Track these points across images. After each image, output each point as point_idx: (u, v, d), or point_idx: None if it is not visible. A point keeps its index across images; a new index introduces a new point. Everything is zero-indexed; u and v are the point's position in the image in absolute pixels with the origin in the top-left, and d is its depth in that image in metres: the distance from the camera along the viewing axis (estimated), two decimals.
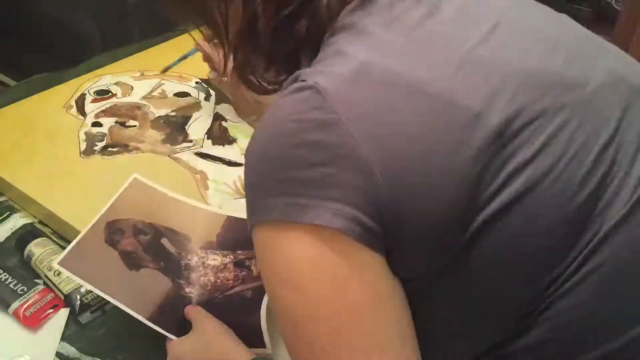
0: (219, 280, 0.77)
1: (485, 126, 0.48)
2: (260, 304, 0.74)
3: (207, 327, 0.72)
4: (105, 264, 0.77)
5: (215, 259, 0.79)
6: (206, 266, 0.78)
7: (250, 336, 0.72)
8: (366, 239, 0.48)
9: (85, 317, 0.79)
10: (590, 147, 0.50)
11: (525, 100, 0.50)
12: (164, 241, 0.80)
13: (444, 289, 0.52)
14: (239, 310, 0.75)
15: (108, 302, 0.79)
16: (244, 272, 0.77)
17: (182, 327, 0.74)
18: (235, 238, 0.80)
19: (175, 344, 0.72)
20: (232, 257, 0.78)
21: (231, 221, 0.82)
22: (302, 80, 0.50)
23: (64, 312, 0.79)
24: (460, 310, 0.53)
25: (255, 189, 0.51)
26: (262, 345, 0.73)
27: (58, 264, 0.75)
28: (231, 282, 0.77)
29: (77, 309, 0.78)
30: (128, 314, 0.72)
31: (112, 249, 0.78)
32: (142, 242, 0.79)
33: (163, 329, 0.73)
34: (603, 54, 0.58)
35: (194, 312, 0.74)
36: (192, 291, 0.77)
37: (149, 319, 0.73)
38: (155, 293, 0.76)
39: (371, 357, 0.49)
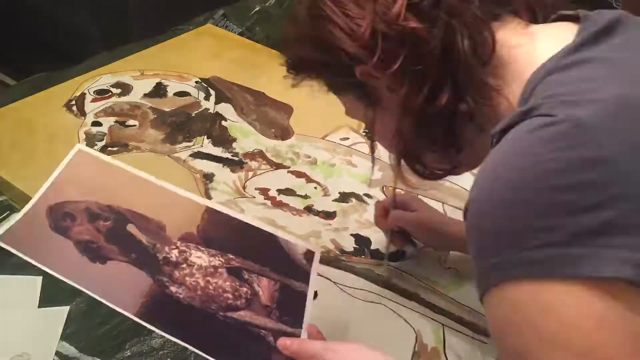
0: (210, 287, 0.68)
1: None
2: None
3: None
4: (59, 252, 0.68)
5: (200, 257, 0.68)
6: (191, 264, 0.68)
7: None
8: None
9: None
10: None
11: None
12: (131, 228, 0.70)
13: None
14: (253, 350, 0.67)
15: None
16: (244, 288, 0.68)
17: (191, 334, 0.68)
18: (221, 236, 0.70)
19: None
20: (221, 259, 0.68)
21: (211, 214, 0.70)
22: (546, 115, 0.46)
23: (63, 312, 0.79)
24: None
25: (503, 241, 0.46)
26: None
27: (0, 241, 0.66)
28: (229, 295, 0.68)
29: None
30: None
31: (63, 238, 0.69)
32: (102, 228, 0.69)
33: (161, 329, 0.69)
34: None
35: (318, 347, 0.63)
36: (180, 292, 0.69)
37: (138, 316, 0.67)
38: (134, 289, 0.69)
39: None
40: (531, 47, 0.55)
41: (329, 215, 0.94)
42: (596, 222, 0.42)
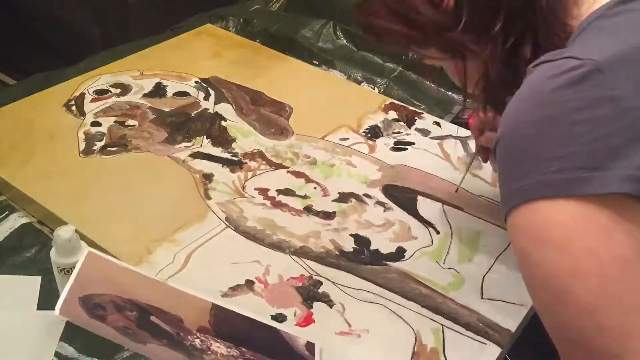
0: None
1: None
2: None
3: None
4: (105, 333, 0.74)
5: (219, 347, 0.70)
6: (214, 351, 0.70)
7: None
8: None
9: None
10: None
11: None
12: (153, 318, 0.71)
13: None
14: None
15: None
16: None
17: None
18: (232, 332, 0.70)
19: None
20: (236, 351, 0.70)
21: (218, 310, 0.70)
22: (573, 57, 0.52)
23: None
24: None
25: (524, 168, 0.53)
26: None
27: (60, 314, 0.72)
28: None
29: None
30: None
31: (102, 324, 0.73)
32: (131, 318, 0.71)
33: None
34: None
35: None
36: None
37: None
38: None
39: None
40: None
41: (328, 216, 0.94)
42: (605, 148, 0.49)
